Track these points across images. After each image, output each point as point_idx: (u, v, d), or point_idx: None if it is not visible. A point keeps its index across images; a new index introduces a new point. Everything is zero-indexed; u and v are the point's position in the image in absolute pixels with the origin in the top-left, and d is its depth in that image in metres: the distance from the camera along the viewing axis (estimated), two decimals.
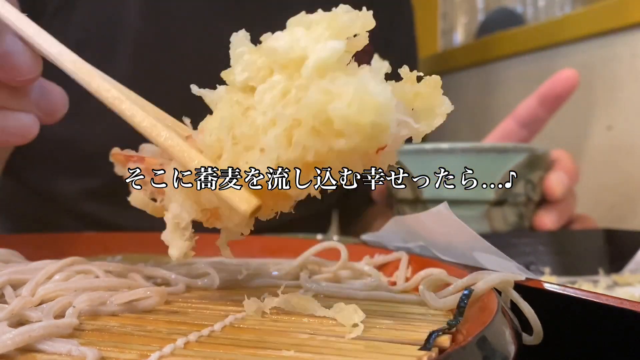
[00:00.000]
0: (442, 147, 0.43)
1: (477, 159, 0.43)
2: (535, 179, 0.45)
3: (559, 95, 0.48)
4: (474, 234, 0.30)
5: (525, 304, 0.21)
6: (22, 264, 0.28)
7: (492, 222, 0.44)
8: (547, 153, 0.46)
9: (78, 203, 0.60)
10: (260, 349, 0.19)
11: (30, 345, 0.18)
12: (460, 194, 0.43)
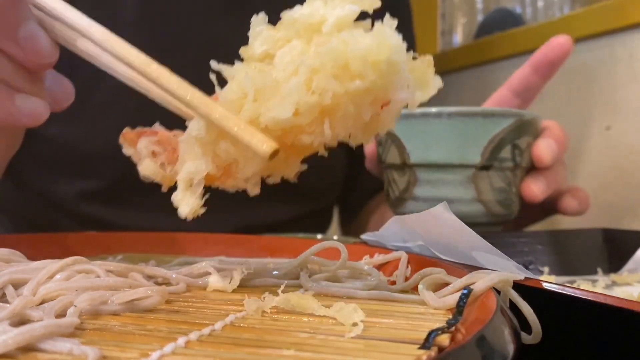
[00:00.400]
0: (430, 112, 0.43)
1: (464, 123, 0.42)
2: (523, 145, 0.44)
3: (552, 62, 0.48)
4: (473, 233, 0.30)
5: (524, 303, 0.21)
6: (23, 264, 0.28)
7: (478, 187, 0.43)
8: (536, 119, 0.45)
9: (78, 205, 0.60)
10: (260, 348, 0.19)
11: (32, 344, 0.18)
12: (447, 158, 0.43)
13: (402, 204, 0.46)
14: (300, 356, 0.18)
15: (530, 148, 0.45)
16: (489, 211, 0.44)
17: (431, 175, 0.44)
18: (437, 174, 0.44)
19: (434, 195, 0.44)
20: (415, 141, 0.44)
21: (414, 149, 0.44)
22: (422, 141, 0.43)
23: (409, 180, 0.45)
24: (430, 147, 0.43)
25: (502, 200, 0.44)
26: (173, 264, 0.32)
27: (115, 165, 0.58)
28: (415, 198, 0.45)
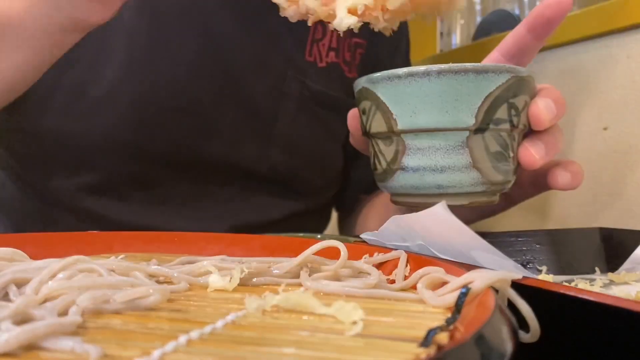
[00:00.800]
0: (417, 70, 0.38)
1: (455, 82, 0.38)
2: (520, 104, 0.40)
3: (549, 19, 0.44)
4: (472, 233, 0.30)
5: (522, 302, 0.22)
6: (26, 263, 0.28)
7: (472, 152, 0.39)
8: (532, 76, 0.41)
9: (75, 199, 0.59)
10: (261, 346, 0.19)
11: (34, 342, 0.18)
12: (437, 122, 0.39)
13: (390, 176, 0.42)
14: (301, 354, 0.18)
15: (527, 108, 0.41)
16: (485, 178, 0.40)
17: (421, 142, 0.39)
18: (428, 140, 0.39)
19: (425, 164, 0.39)
20: (402, 105, 0.39)
21: (401, 114, 0.39)
22: (409, 105, 0.39)
23: (397, 150, 0.40)
24: (418, 111, 0.39)
25: (498, 166, 0.40)
26: (174, 263, 0.32)
27: (112, 159, 0.58)
28: (404, 168, 0.40)
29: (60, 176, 0.59)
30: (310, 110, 0.63)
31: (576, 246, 0.45)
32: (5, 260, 0.28)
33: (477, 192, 0.40)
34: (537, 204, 0.51)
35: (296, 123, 0.63)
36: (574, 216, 0.64)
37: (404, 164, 0.40)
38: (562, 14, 0.44)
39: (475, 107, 0.38)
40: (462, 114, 0.38)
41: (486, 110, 0.38)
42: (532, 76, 0.41)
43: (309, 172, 0.66)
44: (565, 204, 0.65)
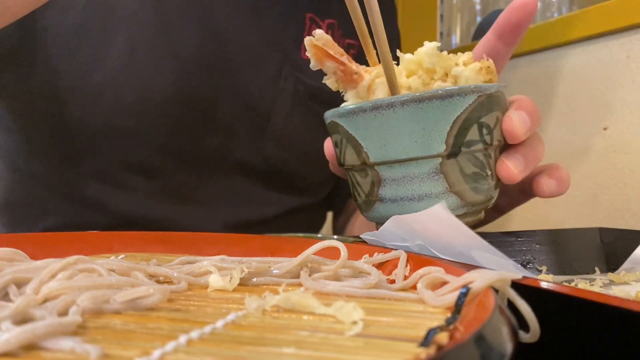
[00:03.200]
0: (380, 103, 0.38)
1: (420, 110, 0.37)
2: (492, 122, 0.39)
3: (517, 24, 0.43)
4: (471, 233, 0.30)
5: (522, 302, 0.22)
6: (26, 263, 0.28)
7: (447, 177, 0.38)
8: (501, 91, 0.40)
9: (76, 186, 0.60)
10: (261, 346, 0.19)
11: (34, 342, 0.18)
12: (408, 152, 0.38)
13: (370, 207, 0.41)
14: (300, 354, 0.18)
15: (500, 124, 0.40)
16: (464, 201, 0.39)
17: (395, 172, 0.39)
18: (401, 170, 0.38)
19: (401, 194, 0.39)
20: (371, 138, 0.39)
21: (371, 146, 0.39)
22: (378, 137, 0.38)
23: (373, 181, 0.40)
24: (388, 143, 0.38)
25: (477, 186, 0.39)
26: (174, 263, 0.32)
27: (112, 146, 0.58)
28: (382, 199, 0.40)
29: (60, 162, 0.59)
30: (305, 105, 0.64)
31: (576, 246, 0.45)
32: (5, 260, 0.28)
33: (459, 215, 0.39)
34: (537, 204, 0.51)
35: (291, 117, 0.63)
36: (574, 216, 0.64)
37: (381, 195, 0.40)
38: (529, 16, 0.43)
39: (444, 132, 0.37)
40: (432, 141, 0.38)
41: (456, 134, 0.38)
42: (501, 91, 0.40)
43: (304, 167, 0.66)
44: (565, 204, 0.65)
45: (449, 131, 0.37)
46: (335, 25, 0.67)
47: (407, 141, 0.38)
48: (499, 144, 0.40)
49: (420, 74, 0.40)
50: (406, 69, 0.40)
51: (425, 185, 0.38)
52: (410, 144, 0.38)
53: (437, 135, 0.37)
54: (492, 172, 0.40)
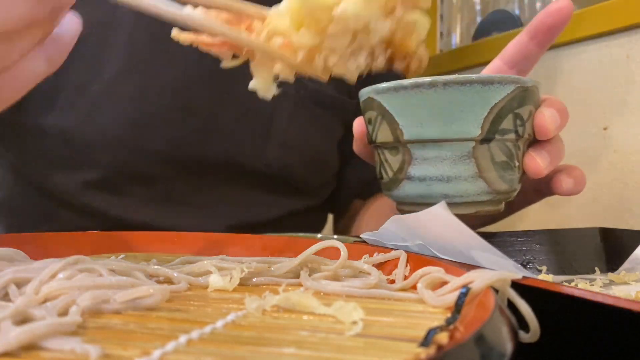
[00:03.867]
0: (423, 81, 0.38)
1: (461, 93, 0.38)
2: (525, 115, 0.40)
3: (552, 27, 0.44)
4: (471, 233, 0.30)
5: (522, 302, 0.22)
6: (26, 263, 0.28)
7: (478, 161, 0.39)
8: (537, 86, 0.41)
9: (75, 195, 0.59)
10: (261, 346, 0.19)
11: (35, 342, 0.18)
12: (444, 132, 0.39)
13: (396, 186, 0.42)
14: (300, 354, 0.18)
15: (532, 118, 0.41)
16: (491, 188, 0.40)
17: (427, 152, 0.39)
18: (434, 151, 0.39)
19: (431, 173, 0.40)
20: (408, 116, 0.39)
21: (407, 124, 0.39)
22: (415, 115, 0.39)
23: (404, 160, 0.41)
24: (425, 122, 0.39)
25: (504, 175, 0.40)
26: (174, 263, 0.32)
27: (112, 155, 0.58)
28: (410, 178, 0.40)
29: (60, 172, 0.59)
30: (306, 109, 0.64)
31: (576, 246, 0.45)
32: (5, 261, 0.28)
33: (483, 201, 0.40)
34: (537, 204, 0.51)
35: (293, 121, 0.63)
36: (574, 216, 0.64)
37: (410, 174, 0.40)
38: (564, 21, 0.44)
39: (481, 117, 0.38)
40: (468, 124, 0.38)
41: (492, 120, 0.38)
42: (537, 86, 0.41)
43: (306, 170, 0.66)
44: (565, 204, 0.65)
45: (485, 117, 0.38)
46: None
47: (444, 122, 0.39)
48: (528, 137, 0.41)
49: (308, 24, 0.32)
50: (293, 20, 0.30)
51: (456, 168, 0.39)
52: (447, 125, 0.39)
53: (473, 119, 0.38)
54: (519, 164, 0.41)
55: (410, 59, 0.30)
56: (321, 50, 0.28)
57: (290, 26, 0.28)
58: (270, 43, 0.29)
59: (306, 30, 0.28)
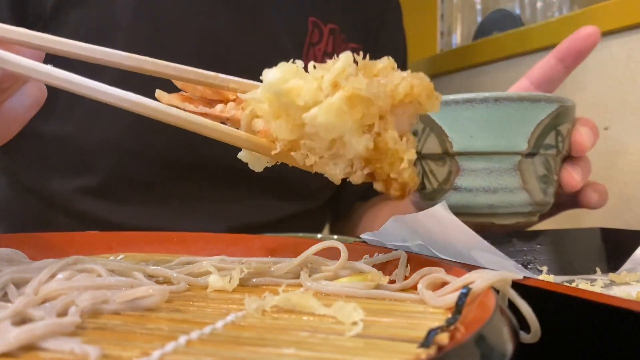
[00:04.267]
0: (475, 97, 0.41)
1: (512, 109, 0.41)
2: (564, 131, 0.43)
3: (580, 51, 0.47)
4: (472, 233, 0.30)
5: (522, 302, 0.22)
6: (25, 263, 0.28)
7: (523, 175, 0.42)
8: (574, 106, 0.44)
9: (73, 201, 0.59)
10: (260, 347, 0.19)
11: (34, 343, 0.18)
12: (493, 145, 0.42)
13: (441, 196, 0.44)
14: (300, 355, 0.18)
15: (569, 135, 0.44)
16: (533, 199, 0.43)
17: (475, 163, 0.42)
18: (482, 163, 0.42)
19: (478, 184, 0.42)
20: (459, 129, 0.42)
21: (457, 137, 0.42)
22: (466, 128, 0.42)
23: (450, 170, 0.43)
24: (475, 134, 0.42)
25: (544, 188, 0.43)
26: (174, 264, 0.32)
27: (110, 161, 0.58)
28: (457, 188, 0.43)
29: (58, 178, 0.59)
30: None
31: (577, 246, 0.45)
32: (4, 261, 0.28)
33: (524, 212, 0.43)
34: None
35: None
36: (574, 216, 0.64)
37: (457, 184, 0.43)
38: (593, 45, 0.47)
39: (528, 132, 0.41)
40: (517, 138, 0.41)
41: (538, 136, 0.41)
42: (574, 105, 0.44)
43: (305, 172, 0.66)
44: None
45: (532, 132, 0.41)
46: (338, 30, 0.67)
47: (494, 136, 0.41)
48: (566, 153, 0.44)
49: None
50: (270, 107, 0.28)
51: (502, 179, 0.42)
52: (497, 138, 0.41)
53: (522, 134, 0.41)
54: (556, 178, 0.44)
55: (390, 184, 0.28)
56: (300, 147, 0.27)
57: (269, 112, 0.27)
58: (252, 124, 0.28)
59: (284, 123, 0.26)
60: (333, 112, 0.24)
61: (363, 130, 0.26)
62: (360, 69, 0.25)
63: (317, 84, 0.25)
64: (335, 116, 0.24)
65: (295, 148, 0.27)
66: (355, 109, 0.24)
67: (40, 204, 0.62)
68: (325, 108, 0.24)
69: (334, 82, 0.25)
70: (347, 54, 0.25)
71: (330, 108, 0.24)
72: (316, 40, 0.65)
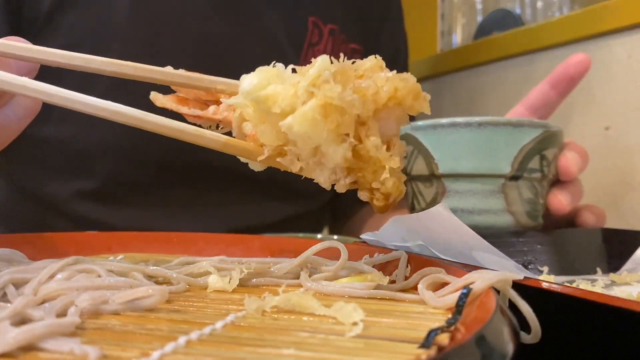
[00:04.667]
0: (459, 121, 0.43)
1: (493, 133, 0.42)
2: (550, 156, 0.44)
3: (572, 78, 0.49)
4: (472, 233, 0.30)
5: (523, 303, 0.22)
6: (24, 263, 0.28)
7: (507, 197, 0.44)
8: (561, 132, 0.45)
9: (71, 205, 0.59)
10: (260, 347, 0.19)
11: (33, 343, 0.18)
12: (477, 168, 0.43)
13: None
14: (300, 355, 0.18)
15: (556, 160, 0.45)
16: (517, 222, 0.44)
17: (460, 185, 0.44)
18: (467, 185, 0.43)
19: (463, 206, 0.44)
20: (444, 151, 0.44)
21: (443, 159, 0.44)
22: (451, 151, 0.43)
23: (437, 192, 0.45)
24: (459, 157, 0.43)
25: (529, 211, 0.44)
26: (173, 264, 0.32)
27: (108, 164, 0.58)
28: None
29: (57, 181, 0.59)
30: None
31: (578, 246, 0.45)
32: (3, 261, 0.28)
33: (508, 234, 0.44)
34: None
35: None
36: None
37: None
38: (584, 72, 0.49)
39: (512, 156, 0.43)
40: (500, 162, 0.43)
41: (521, 160, 0.43)
42: (561, 131, 0.45)
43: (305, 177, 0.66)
44: None
45: (515, 156, 0.43)
46: (337, 31, 0.66)
47: (478, 158, 0.43)
48: (552, 177, 0.45)
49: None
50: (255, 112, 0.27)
51: (486, 201, 0.43)
52: (480, 161, 0.43)
53: (505, 157, 0.43)
54: (543, 202, 0.45)
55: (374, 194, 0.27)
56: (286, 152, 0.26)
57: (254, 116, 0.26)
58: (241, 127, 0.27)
59: (268, 128, 0.25)
60: (307, 121, 0.23)
61: (341, 139, 0.24)
62: (338, 74, 0.24)
63: (294, 90, 0.24)
64: (309, 126, 0.23)
65: (283, 153, 0.26)
66: (330, 118, 0.23)
67: (39, 208, 0.61)
68: (299, 118, 0.23)
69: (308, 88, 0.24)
70: (323, 58, 0.24)
71: (304, 118, 0.23)
72: (316, 41, 0.65)
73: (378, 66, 0.25)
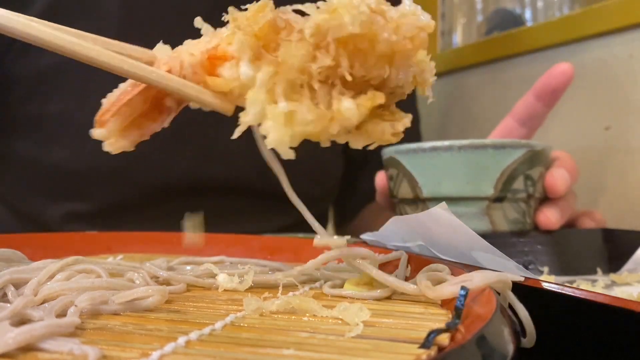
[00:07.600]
0: (440, 145, 0.43)
1: (475, 156, 0.42)
2: (536, 175, 0.44)
3: (555, 90, 0.48)
4: (472, 233, 0.30)
5: (520, 306, 0.22)
6: (24, 264, 0.28)
7: (492, 219, 0.44)
8: (547, 149, 0.45)
9: (66, 226, 0.58)
10: (260, 348, 0.19)
11: (32, 344, 0.18)
12: (459, 191, 0.43)
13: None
14: (300, 355, 0.18)
15: (543, 178, 0.45)
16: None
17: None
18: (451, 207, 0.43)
19: None
20: (427, 175, 0.44)
21: (426, 183, 0.44)
22: (433, 175, 0.44)
23: None
24: (442, 181, 0.43)
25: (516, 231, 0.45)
26: (173, 264, 0.32)
27: (100, 186, 0.57)
28: None
29: (49, 204, 0.59)
30: None
31: (578, 247, 0.45)
32: (3, 261, 0.28)
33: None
34: None
35: None
36: None
37: None
38: (567, 82, 0.48)
39: (494, 178, 0.43)
40: (483, 184, 0.43)
41: (504, 181, 0.43)
42: (547, 148, 0.45)
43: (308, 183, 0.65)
44: None
45: (498, 178, 0.43)
46: None
47: (460, 182, 0.43)
48: (540, 196, 0.45)
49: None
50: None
51: (471, 223, 0.43)
52: (462, 184, 0.43)
53: (488, 179, 0.43)
54: (530, 221, 0.45)
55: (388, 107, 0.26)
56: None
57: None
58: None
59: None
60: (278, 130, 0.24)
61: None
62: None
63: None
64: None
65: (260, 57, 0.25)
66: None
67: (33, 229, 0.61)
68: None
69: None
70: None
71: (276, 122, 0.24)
72: None
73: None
